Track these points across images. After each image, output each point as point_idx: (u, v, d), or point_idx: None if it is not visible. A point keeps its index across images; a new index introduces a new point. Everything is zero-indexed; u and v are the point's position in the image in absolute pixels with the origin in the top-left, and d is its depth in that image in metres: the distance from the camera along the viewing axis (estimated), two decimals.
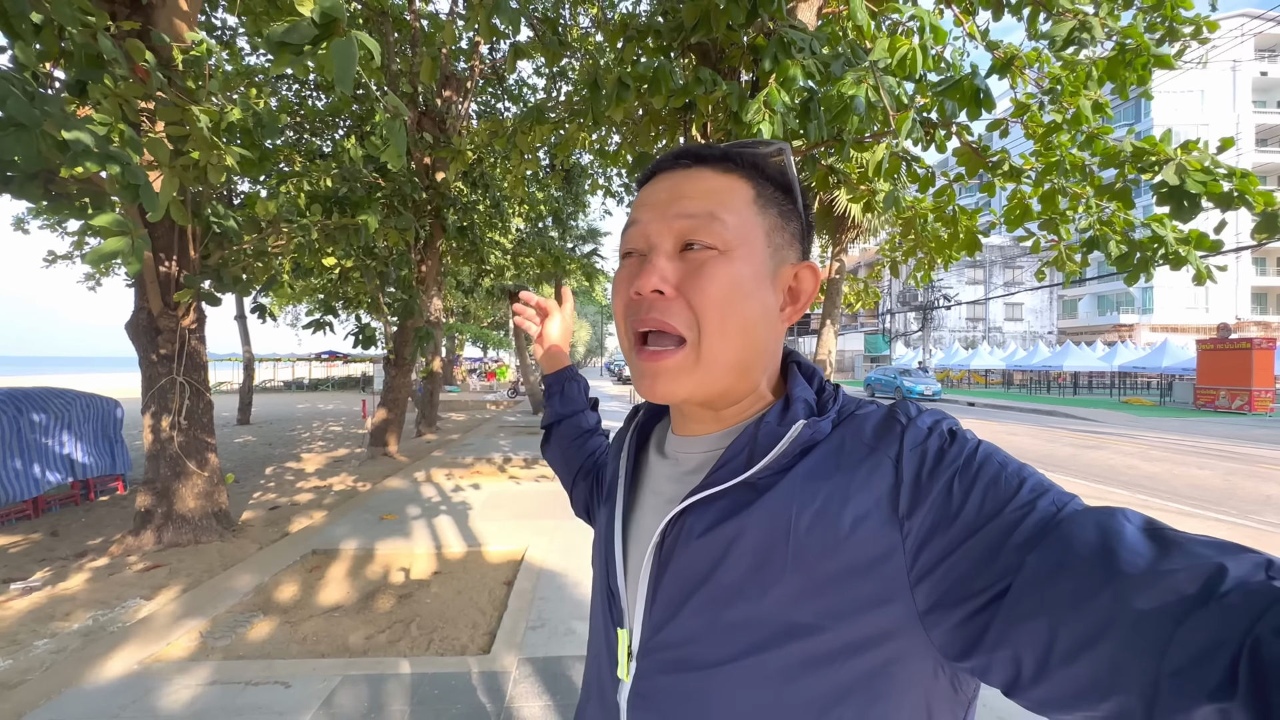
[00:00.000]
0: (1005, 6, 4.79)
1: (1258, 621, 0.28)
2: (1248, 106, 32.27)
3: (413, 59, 8.17)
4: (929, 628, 0.41)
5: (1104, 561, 0.34)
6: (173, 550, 4.34)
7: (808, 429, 0.48)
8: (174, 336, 4.55)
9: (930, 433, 0.46)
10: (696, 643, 0.48)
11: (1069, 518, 0.37)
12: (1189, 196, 3.37)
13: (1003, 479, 0.41)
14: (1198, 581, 0.31)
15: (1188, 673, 0.29)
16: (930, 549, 0.41)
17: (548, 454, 0.99)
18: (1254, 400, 17.35)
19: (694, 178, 0.53)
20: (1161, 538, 0.34)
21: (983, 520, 0.40)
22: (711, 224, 0.50)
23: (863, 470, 0.45)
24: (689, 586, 0.49)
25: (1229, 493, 6.94)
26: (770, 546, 0.45)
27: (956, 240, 5.49)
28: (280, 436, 11.00)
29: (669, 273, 0.50)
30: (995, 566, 0.38)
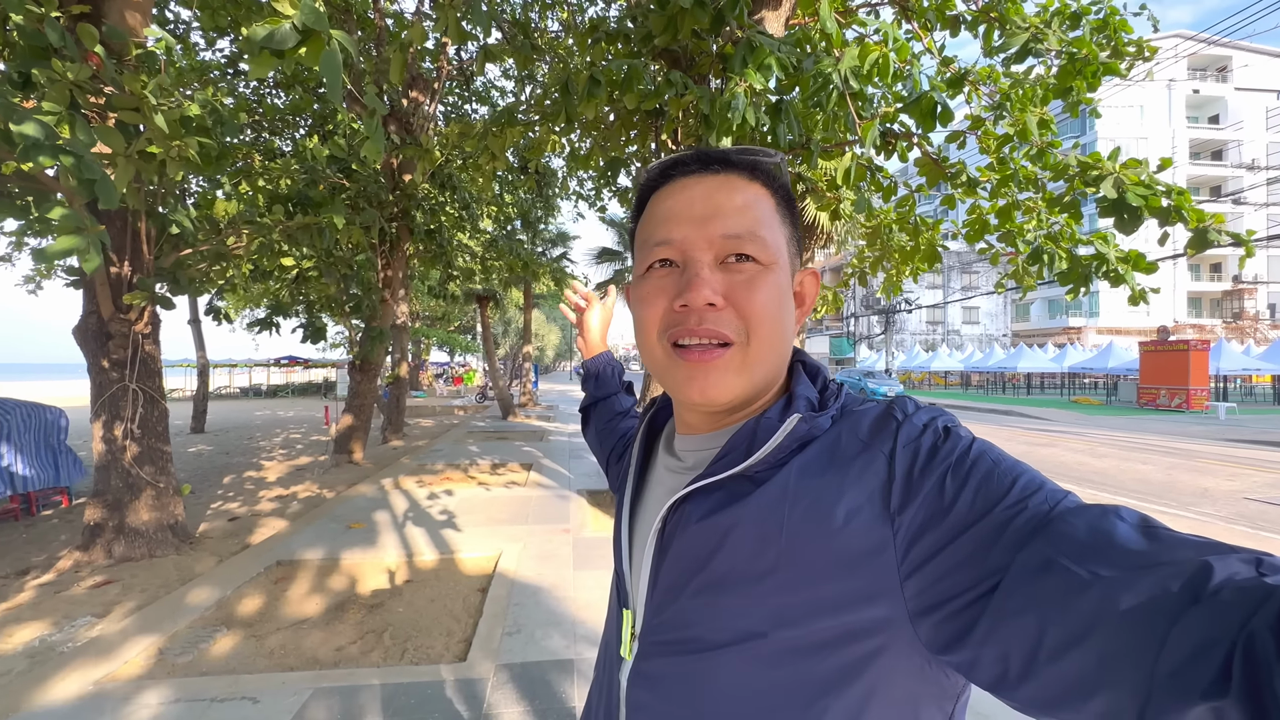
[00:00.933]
0: (962, 23, 5.00)
1: (1251, 618, 0.28)
2: (1182, 122, 34.28)
3: (377, 58, 8.02)
4: (917, 622, 0.41)
5: (1093, 559, 0.34)
6: (125, 565, 4.15)
7: (804, 424, 0.49)
8: (126, 341, 4.36)
9: (925, 429, 0.46)
10: (693, 626, 0.50)
11: (1060, 515, 0.37)
12: (1130, 209, 3.58)
13: (995, 476, 0.41)
14: (1189, 580, 0.30)
15: (1182, 672, 0.29)
16: (921, 544, 0.41)
17: (586, 435, 1.04)
18: (1191, 398, 18.40)
19: (727, 187, 0.53)
20: (1153, 536, 0.34)
21: (974, 517, 0.40)
22: (755, 239, 0.52)
23: (857, 465, 0.46)
24: (687, 572, 0.51)
25: (1170, 486, 7.35)
26: (764, 537, 0.47)
27: (918, 251, 5.69)
28: (238, 445, 10.61)
29: (718, 284, 0.51)
30: (985, 563, 0.38)
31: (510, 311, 27.76)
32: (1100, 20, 4.81)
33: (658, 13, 3.94)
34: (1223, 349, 20.49)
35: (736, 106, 3.16)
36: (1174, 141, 33.43)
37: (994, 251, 5.18)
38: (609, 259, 21.35)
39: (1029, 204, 4.79)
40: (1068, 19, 4.83)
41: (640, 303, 0.56)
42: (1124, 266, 4.17)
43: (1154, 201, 3.57)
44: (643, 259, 0.56)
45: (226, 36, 7.80)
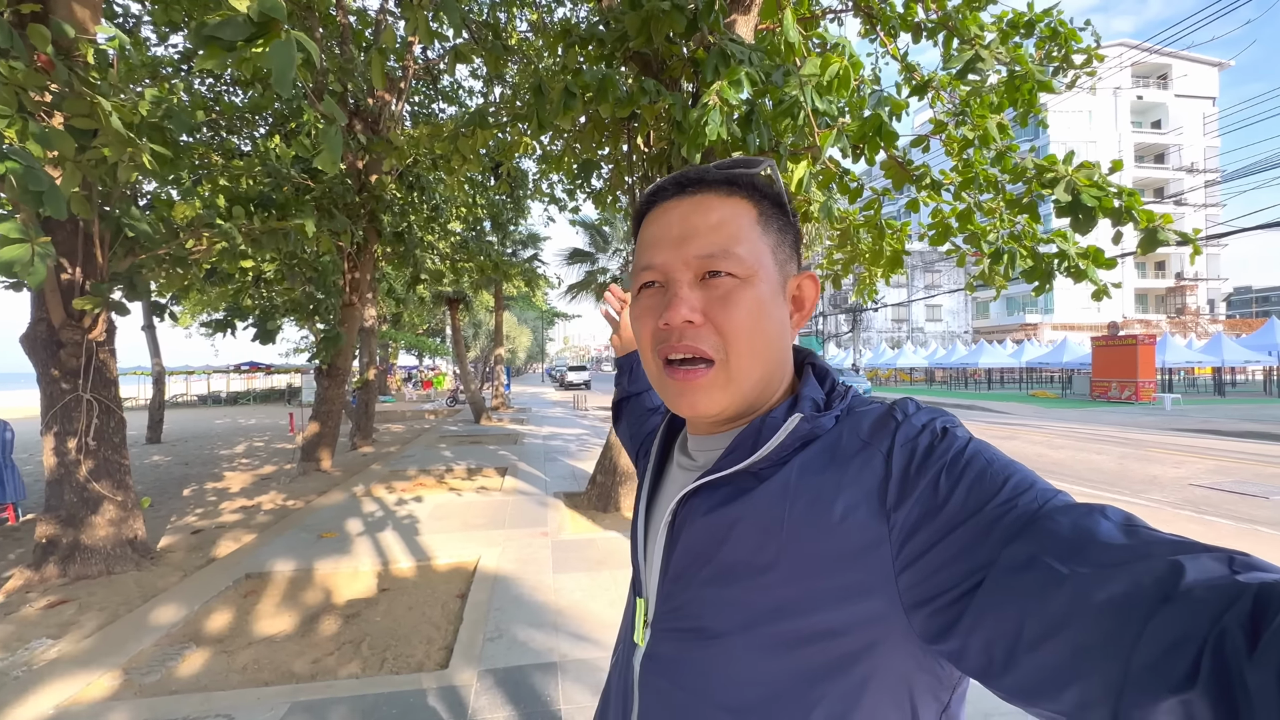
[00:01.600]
0: (923, 31, 5.17)
1: (1223, 615, 0.29)
2: (1128, 127, 35.98)
3: (341, 56, 7.84)
4: (911, 614, 0.43)
5: (1073, 554, 0.36)
6: (82, 584, 3.97)
7: (806, 423, 0.51)
8: (79, 350, 4.18)
9: (923, 430, 0.48)
10: (700, 615, 0.53)
11: (1048, 513, 0.39)
12: (1085, 210, 3.76)
13: (988, 475, 0.43)
14: (1163, 577, 0.32)
15: (1156, 666, 0.30)
16: (915, 540, 0.43)
17: (618, 429, 1.05)
18: (1139, 391, 19.32)
19: (701, 207, 0.55)
20: (1133, 534, 0.36)
21: (966, 514, 0.41)
22: (729, 255, 0.53)
23: (855, 463, 0.48)
24: (695, 563, 0.54)
25: (1122, 474, 7.72)
26: (766, 531, 0.49)
27: (884, 255, 5.85)
28: (198, 455, 10.23)
29: (695, 302, 0.54)
30: (975, 558, 0.40)
31: (480, 314, 27.43)
32: (1050, 29, 5.04)
33: (632, 15, 3.96)
34: (1167, 343, 21.58)
35: (712, 121, 3.22)
36: (1120, 145, 35.06)
37: (960, 253, 5.36)
38: (580, 260, 21.27)
39: (990, 205, 4.98)
40: (1021, 28, 5.04)
41: (635, 322, 0.60)
42: (1085, 263, 4.36)
43: (1107, 202, 3.75)
44: (635, 282, 0.60)
45: (180, 32, 7.53)
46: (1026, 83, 4.36)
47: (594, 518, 5.39)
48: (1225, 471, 7.80)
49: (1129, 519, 0.37)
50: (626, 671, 0.62)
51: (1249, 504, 6.02)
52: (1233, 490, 6.62)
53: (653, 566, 0.60)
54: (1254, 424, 12.84)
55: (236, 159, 7.35)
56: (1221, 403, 19.68)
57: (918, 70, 4.75)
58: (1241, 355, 20.59)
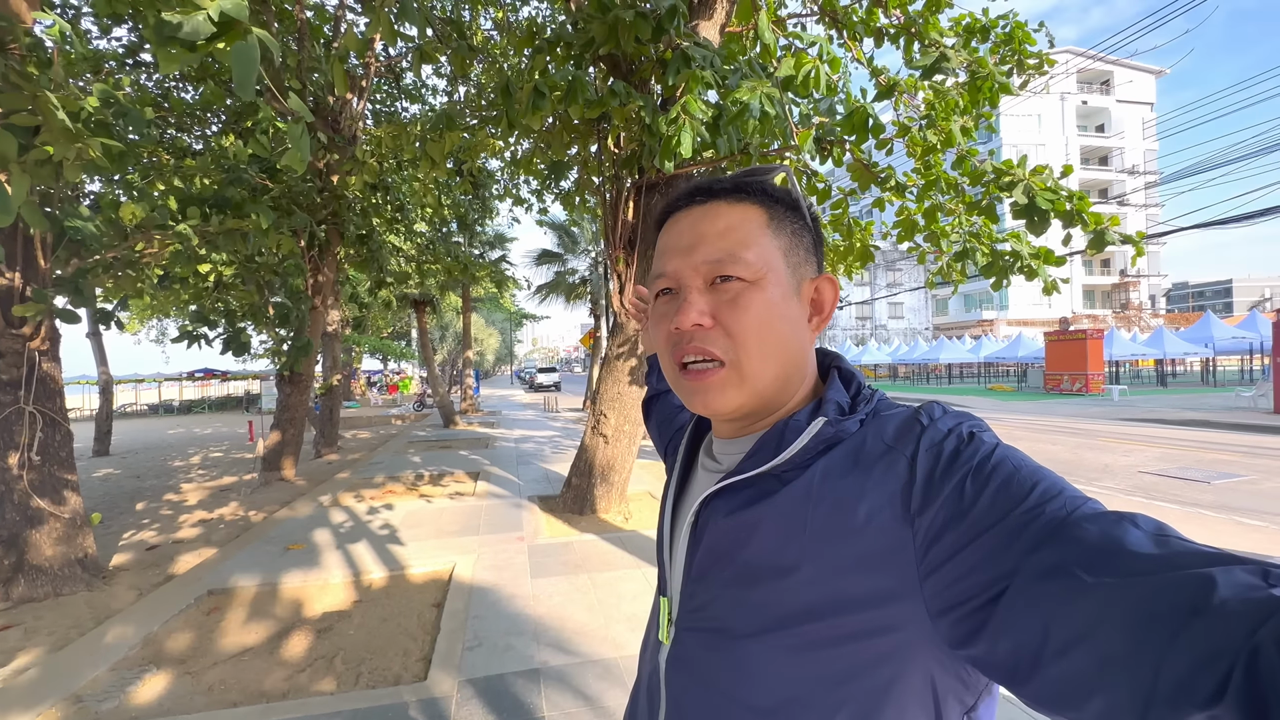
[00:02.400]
0: (885, 35, 5.30)
1: (1258, 630, 0.28)
2: (1074, 130, 37.64)
3: (299, 53, 7.60)
4: (936, 620, 0.43)
5: (1100, 563, 0.35)
6: (27, 607, 3.75)
7: (830, 426, 0.52)
8: (20, 359, 3.95)
9: (949, 434, 0.47)
10: (722, 615, 0.53)
11: (1076, 521, 0.38)
12: (1040, 212, 3.93)
13: (1015, 481, 0.42)
14: (1195, 589, 0.31)
15: (1185, 681, 0.29)
16: (940, 546, 0.43)
17: (648, 426, 1.06)
18: (1089, 383, 20.24)
19: (710, 215, 0.57)
20: (1164, 544, 0.35)
21: (992, 520, 0.41)
22: (736, 259, 0.54)
23: (879, 467, 0.48)
24: (717, 564, 0.55)
25: (1076, 464, 8.07)
26: (788, 534, 0.49)
27: (852, 251, 5.98)
28: (150, 467, 9.77)
29: (705, 306, 0.55)
30: (1000, 565, 0.39)
31: (448, 316, 26.95)
32: (1006, 34, 5.24)
33: (599, 19, 3.96)
34: (1113, 337, 22.66)
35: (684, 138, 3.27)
36: (1067, 148, 36.67)
37: (921, 251, 5.52)
38: (549, 261, 21.13)
39: (950, 206, 5.16)
40: (977, 32, 5.23)
41: (652, 328, 0.62)
42: (1037, 262, 4.56)
43: (1059, 206, 3.93)
44: (652, 290, 0.62)
45: (124, 24, 7.17)
46: (988, 82, 4.52)
47: (570, 521, 5.35)
48: (1170, 458, 8.24)
49: (1161, 528, 0.37)
50: (653, 669, 0.62)
51: (1193, 489, 6.37)
52: (1178, 476, 6.99)
53: (676, 566, 0.61)
54: (1194, 413, 13.59)
55: (188, 158, 7.04)
56: (1164, 393, 20.78)
57: (884, 73, 4.87)
58: (1181, 348, 21.77)
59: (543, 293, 21.70)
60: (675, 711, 0.57)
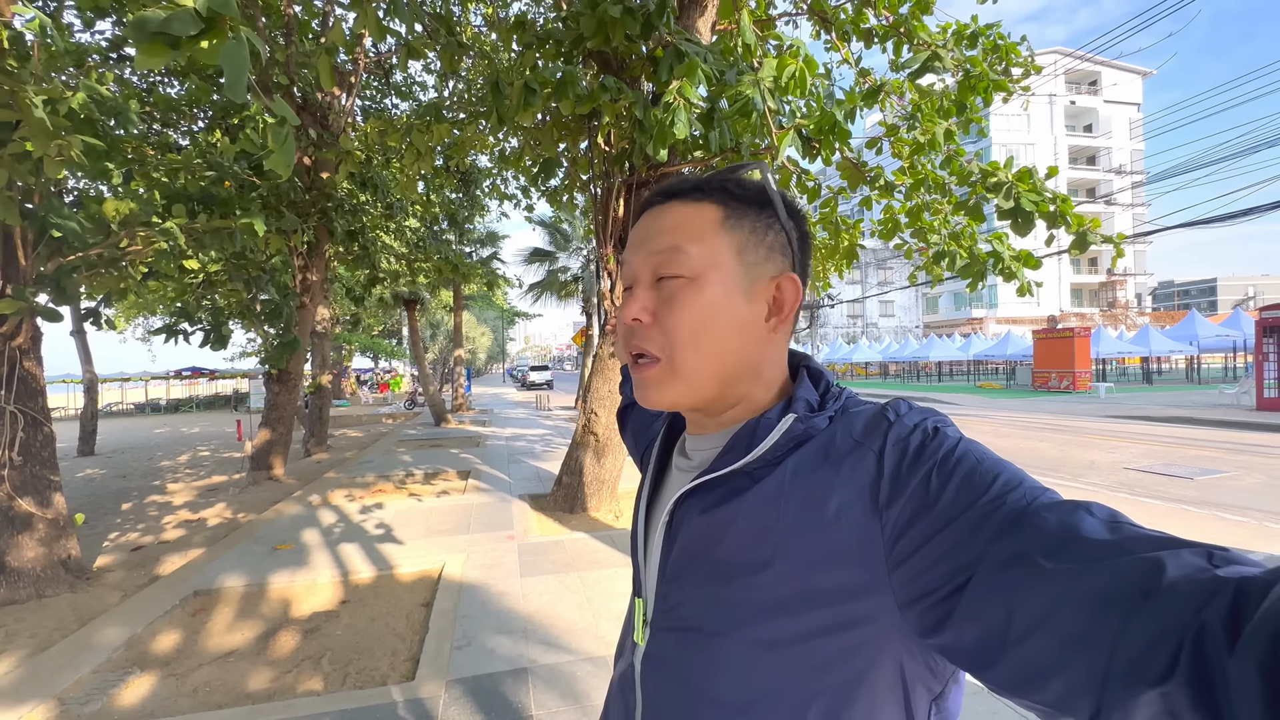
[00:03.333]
0: (874, 37, 5.32)
1: (1203, 609, 0.29)
2: (1062, 130, 37.99)
3: (287, 49, 7.52)
4: (905, 611, 0.44)
5: (1058, 550, 0.36)
6: (9, 609, 3.70)
7: (799, 423, 0.52)
8: (1, 358, 3.89)
9: (914, 429, 0.48)
10: (696, 613, 0.54)
11: (1035, 510, 0.39)
12: (1024, 214, 3.97)
13: (978, 473, 0.43)
14: (1146, 572, 0.32)
15: (1138, 659, 0.31)
16: (907, 538, 0.44)
17: (623, 436, 1.02)
18: (1077, 380, 20.46)
19: (666, 213, 0.58)
20: (1118, 530, 0.36)
21: (956, 512, 0.42)
22: (676, 255, 0.55)
23: (848, 463, 0.49)
24: (691, 562, 0.55)
25: (1063, 460, 8.16)
26: (761, 531, 0.50)
27: (839, 250, 6.01)
28: (135, 467, 9.66)
29: (647, 302, 0.56)
30: (964, 555, 0.40)
31: (439, 314, 26.82)
32: (992, 42, 5.28)
33: (588, 18, 3.94)
34: (1100, 335, 22.92)
35: (679, 120, 3.24)
36: (1055, 148, 36.99)
37: (908, 247, 5.56)
38: (541, 259, 21.07)
39: (936, 205, 5.19)
40: (965, 39, 5.27)
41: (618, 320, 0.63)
42: (1016, 264, 4.61)
43: (1043, 207, 3.97)
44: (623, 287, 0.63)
45: (107, 18, 7.07)
46: (982, 81, 4.54)
47: (561, 519, 5.35)
48: (1155, 455, 8.35)
49: (1114, 515, 0.38)
50: (628, 670, 0.63)
51: (1177, 485, 6.45)
52: (1162, 472, 7.09)
53: (651, 566, 0.61)
54: (1179, 410, 13.78)
55: (173, 153, 6.96)
56: (1149, 390, 21.05)
57: (870, 74, 4.90)
58: (1166, 345, 22.06)
59: (535, 291, 21.64)
60: (651, 712, 0.58)
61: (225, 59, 1.86)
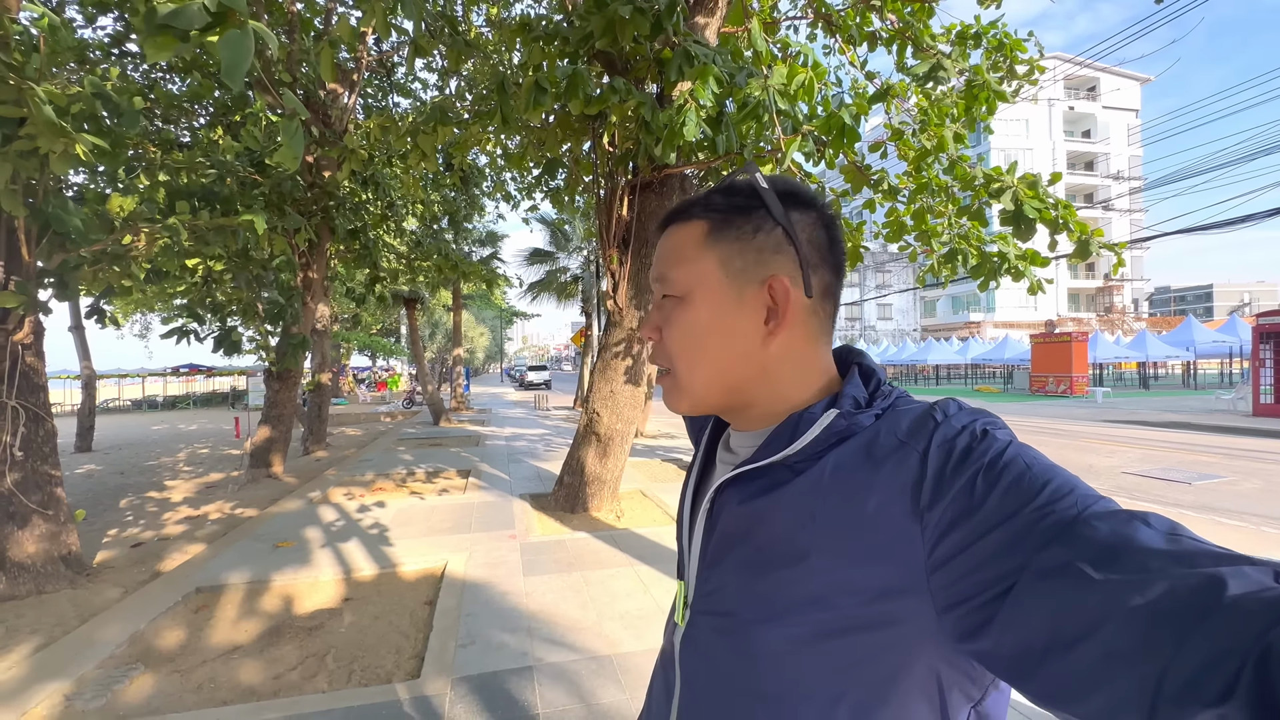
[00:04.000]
0: (879, 40, 5.34)
1: (1270, 630, 0.28)
2: (1060, 135, 38.14)
3: (290, 45, 7.51)
4: (942, 615, 0.43)
5: (1109, 560, 0.35)
6: (9, 605, 3.69)
7: (842, 419, 0.52)
8: (2, 353, 3.88)
9: (962, 430, 0.47)
10: (732, 600, 0.55)
11: (1086, 519, 0.38)
12: (1027, 220, 3.99)
13: (1027, 479, 0.42)
14: (1206, 587, 0.31)
15: (1194, 679, 0.29)
16: (948, 542, 0.43)
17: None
18: (1074, 385, 20.52)
19: (668, 236, 0.62)
20: (1176, 542, 0.35)
21: (1001, 518, 0.41)
22: (665, 280, 0.60)
23: (891, 461, 0.48)
24: (729, 549, 0.57)
25: (1061, 464, 8.10)
26: (798, 524, 0.50)
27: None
28: (134, 464, 9.63)
29: (656, 321, 0.62)
30: (1008, 563, 0.39)
31: (438, 313, 26.78)
32: (997, 40, 5.30)
33: (597, 16, 3.95)
34: (1098, 340, 23.00)
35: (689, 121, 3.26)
36: (1054, 153, 37.13)
37: (912, 250, 5.58)
38: (541, 260, 21.06)
39: (939, 208, 5.21)
40: (970, 39, 5.29)
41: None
42: (1023, 263, 4.63)
43: (1045, 214, 3.99)
44: None
45: (109, 14, 7.05)
46: (984, 91, 4.57)
47: (562, 519, 5.35)
48: (1152, 459, 8.39)
49: (1174, 528, 0.36)
50: (669, 649, 0.65)
51: (1174, 489, 6.49)
52: (1160, 477, 7.12)
53: (694, 551, 0.63)
54: (1175, 415, 13.84)
55: (176, 150, 6.94)
56: (1146, 395, 21.13)
57: (876, 76, 4.92)
58: (1163, 351, 22.16)
59: (534, 291, 21.63)
60: (688, 691, 0.60)
61: (227, 45, 1.87)
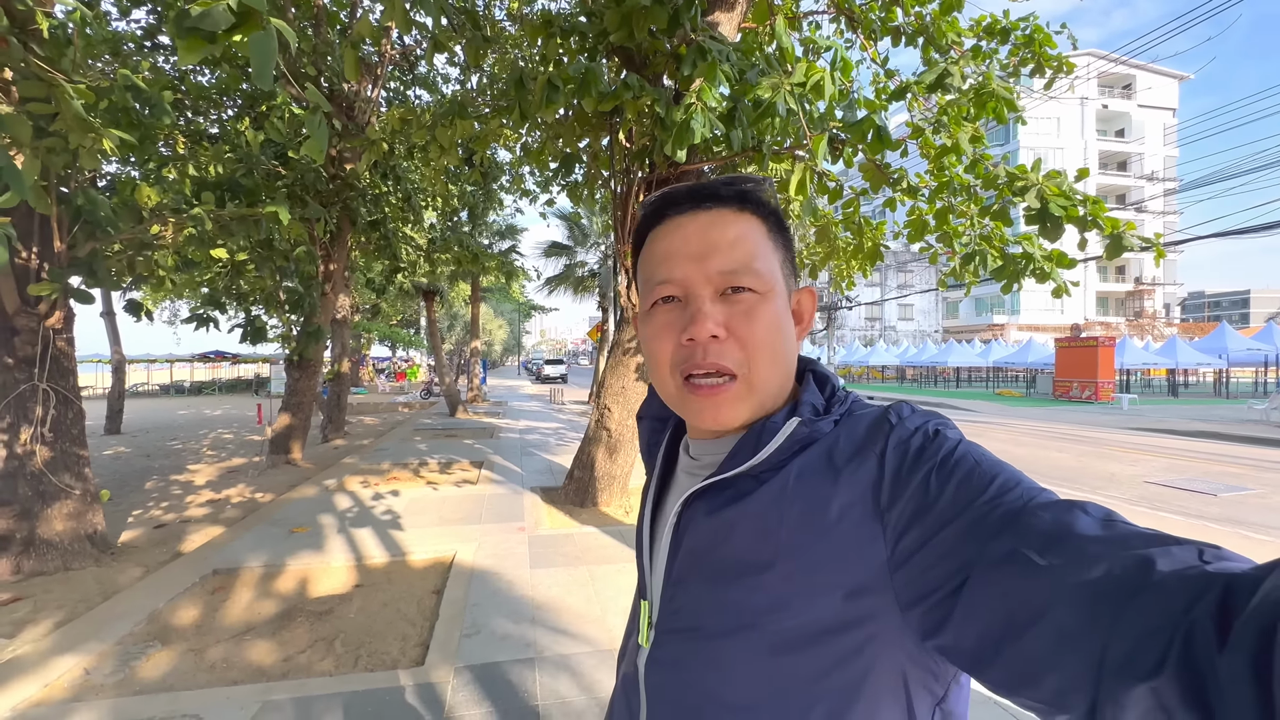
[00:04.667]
0: (903, 35, 5.25)
1: (1194, 606, 0.30)
2: (1093, 134, 37.11)
3: (315, 39, 7.62)
4: (906, 612, 0.44)
5: (1051, 547, 0.37)
6: (37, 580, 3.83)
7: (804, 427, 0.53)
8: (35, 337, 4.01)
9: (915, 431, 0.49)
10: (700, 616, 0.54)
11: (1031, 509, 0.40)
12: (1053, 218, 3.88)
13: (976, 474, 0.44)
14: (1137, 568, 0.33)
15: (1130, 654, 0.31)
16: (907, 539, 0.44)
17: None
18: (1099, 390, 20.04)
19: (720, 222, 0.57)
20: (1111, 527, 0.37)
21: (954, 512, 0.43)
22: (750, 271, 0.55)
23: (851, 465, 0.49)
24: (696, 564, 0.56)
25: (1081, 471, 8.01)
26: (765, 532, 0.50)
27: (862, 250, 5.94)
28: (160, 447, 9.91)
29: (719, 317, 0.54)
30: (962, 555, 0.41)
31: (457, 305, 27.05)
32: (1026, 36, 5.16)
33: (613, 10, 3.94)
34: (1126, 345, 22.40)
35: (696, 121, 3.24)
36: (1086, 152, 36.16)
37: (933, 251, 5.48)
38: (558, 253, 21.15)
39: (962, 208, 5.11)
40: (997, 34, 5.16)
41: (651, 339, 0.59)
42: (1049, 265, 4.52)
43: (1073, 211, 3.88)
44: (647, 296, 0.60)
45: (143, 6, 7.22)
46: (992, 100, 4.47)
47: (571, 513, 5.38)
48: (1178, 469, 8.16)
49: (1108, 514, 0.39)
50: (631, 672, 0.63)
51: (1199, 500, 6.31)
52: (1184, 487, 6.93)
53: (657, 569, 0.62)
54: (1204, 424, 13.44)
55: (204, 143, 7.10)
56: (1175, 403, 20.54)
57: (896, 74, 4.83)
58: (1194, 358, 21.51)
59: (551, 285, 21.74)
60: (654, 714, 0.58)
61: (253, 48, 1.91)
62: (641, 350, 0.64)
